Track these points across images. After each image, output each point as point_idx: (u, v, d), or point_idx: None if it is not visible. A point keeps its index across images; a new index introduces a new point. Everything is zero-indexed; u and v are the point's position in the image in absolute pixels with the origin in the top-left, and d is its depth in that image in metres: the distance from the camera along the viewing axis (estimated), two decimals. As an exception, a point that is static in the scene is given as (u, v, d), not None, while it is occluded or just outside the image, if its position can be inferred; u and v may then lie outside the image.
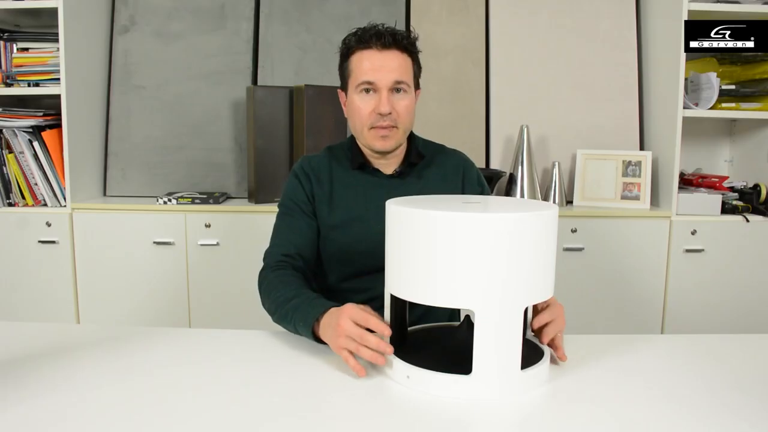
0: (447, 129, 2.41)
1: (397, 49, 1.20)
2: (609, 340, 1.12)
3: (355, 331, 0.93)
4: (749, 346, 1.11)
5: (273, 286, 1.15)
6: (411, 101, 1.23)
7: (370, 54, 1.19)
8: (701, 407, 0.85)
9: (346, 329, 0.94)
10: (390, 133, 1.22)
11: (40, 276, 2.16)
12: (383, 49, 1.19)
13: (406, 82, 1.21)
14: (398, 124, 1.22)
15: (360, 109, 1.21)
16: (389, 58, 1.19)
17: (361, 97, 1.21)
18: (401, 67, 1.20)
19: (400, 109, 1.21)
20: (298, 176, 1.29)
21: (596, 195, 2.32)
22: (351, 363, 0.93)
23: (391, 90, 1.19)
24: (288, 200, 1.29)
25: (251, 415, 0.82)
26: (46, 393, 0.87)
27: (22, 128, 2.13)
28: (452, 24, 2.43)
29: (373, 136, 1.22)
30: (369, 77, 1.19)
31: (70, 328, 1.30)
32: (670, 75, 2.19)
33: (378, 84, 1.19)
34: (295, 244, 1.24)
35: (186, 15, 2.41)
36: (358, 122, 1.23)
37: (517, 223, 0.85)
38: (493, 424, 0.82)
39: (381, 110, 1.19)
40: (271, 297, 1.14)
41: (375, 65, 1.19)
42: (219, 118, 2.40)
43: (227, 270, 2.15)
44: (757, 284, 2.19)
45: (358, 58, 1.21)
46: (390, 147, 1.24)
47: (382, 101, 1.19)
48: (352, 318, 0.94)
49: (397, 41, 1.20)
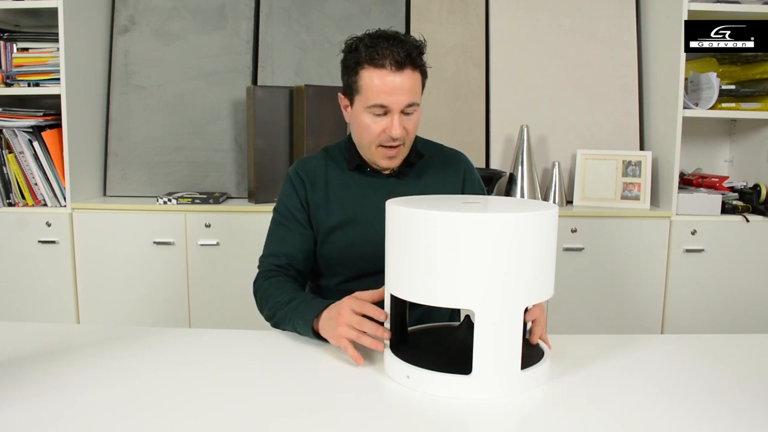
0: (447, 129, 2.41)
1: (410, 68, 1.15)
2: (609, 340, 1.12)
3: (354, 319, 0.95)
4: (749, 346, 1.11)
5: (269, 292, 1.17)
6: (419, 116, 1.22)
7: (383, 74, 1.13)
8: (701, 407, 0.85)
9: (346, 318, 0.96)
10: (397, 153, 1.21)
11: (40, 276, 2.16)
12: (397, 70, 1.13)
13: (417, 102, 1.18)
14: (406, 142, 1.21)
15: (369, 127, 1.18)
16: (403, 79, 1.14)
17: (371, 117, 1.18)
18: (413, 89, 1.16)
19: (409, 128, 1.20)
20: (292, 181, 1.28)
21: (596, 195, 2.32)
22: (350, 352, 0.95)
23: (402, 112, 1.17)
24: (282, 206, 1.29)
25: (251, 415, 0.82)
26: (46, 393, 0.87)
27: (22, 128, 2.13)
28: (452, 24, 2.43)
29: (380, 155, 1.21)
30: (382, 101, 1.15)
31: (70, 328, 1.29)
32: (670, 75, 2.19)
33: (391, 108, 1.16)
34: (287, 255, 1.24)
35: (186, 15, 2.41)
36: (366, 139, 1.21)
37: (517, 223, 0.85)
38: (493, 424, 0.82)
39: (393, 134, 1.16)
40: (269, 303, 1.15)
41: (388, 88, 1.14)
42: (219, 118, 2.40)
43: (227, 270, 2.15)
44: (757, 284, 2.19)
45: (368, 76, 1.15)
46: (395, 165, 1.24)
47: (394, 125, 1.16)
48: (351, 308, 0.97)
49: (412, 60, 1.15)
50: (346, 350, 0.95)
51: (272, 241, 1.27)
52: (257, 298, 1.21)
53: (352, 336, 0.95)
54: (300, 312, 1.06)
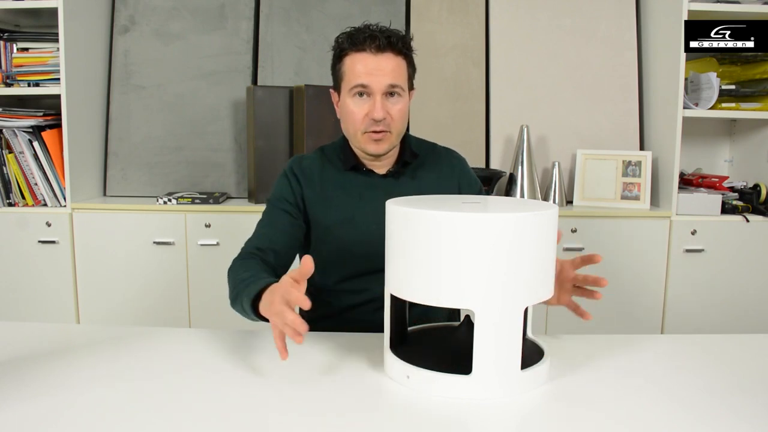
0: (447, 129, 2.41)
1: (392, 52, 1.18)
2: (609, 340, 1.12)
3: (278, 308, 0.87)
4: (749, 346, 1.11)
5: (233, 270, 1.14)
6: (405, 104, 1.22)
7: (364, 57, 1.17)
8: (701, 407, 0.85)
9: (275, 306, 0.89)
10: (383, 137, 1.21)
11: (40, 276, 2.16)
12: (377, 52, 1.17)
13: (400, 86, 1.20)
14: (392, 128, 1.21)
15: (353, 113, 1.20)
16: (383, 61, 1.17)
17: (354, 101, 1.20)
18: (395, 71, 1.18)
19: (393, 113, 1.20)
20: (287, 177, 1.29)
21: (596, 195, 2.32)
22: (278, 344, 0.89)
23: (385, 94, 1.18)
24: (274, 198, 1.29)
25: (251, 415, 0.82)
26: (46, 393, 0.87)
27: (22, 128, 2.13)
28: (452, 24, 2.43)
29: (366, 140, 1.22)
30: (363, 80, 1.17)
31: (70, 328, 1.30)
32: (670, 75, 2.19)
33: (372, 88, 1.17)
34: (270, 239, 1.23)
35: (186, 15, 2.41)
36: (351, 126, 1.22)
37: (517, 223, 0.85)
38: (493, 424, 0.82)
39: (375, 116, 1.18)
40: (231, 281, 1.11)
41: (369, 68, 1.17)
42: (219, 118, 2.40)
43: (227, 270, 2.14)
44: (757, 284, 2.19)
45: (351, 61, 1.19)
46: (383, 150, 1.23)
47: (376, 107, 1.18)
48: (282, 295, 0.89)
49: (392, 44, 1.18)
50: (275, 340, 0.90)
51: (259, 226, 1.27)
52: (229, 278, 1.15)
53: (279, 325, 0.88)
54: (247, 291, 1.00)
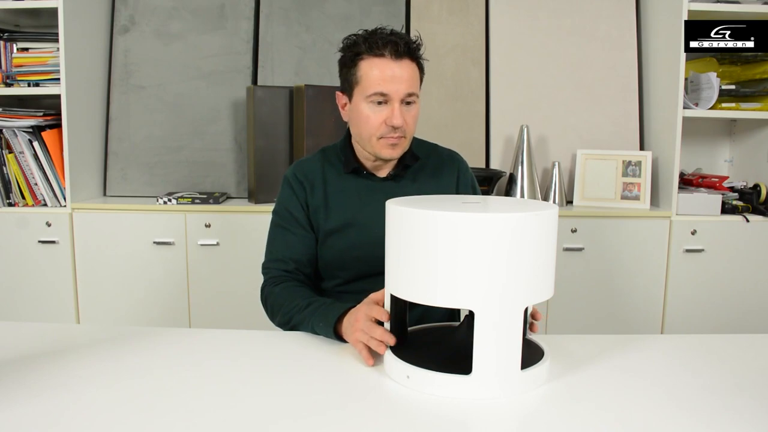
0: (447, 129, 2.41)
1: (409, 58, 1.18)
2: (609, 340, 1.12)
3: (365, 324, 1.00)
4: (749, 346, 1.11)
5: (282, 298, 1.18)
6: (418, 110, 1.23)
7: (383, 63, 1.16)
8: (701, 407, 0.85)
9: (361, 323, 1.01)
10: (399, 143, 1.21)
11: (40, 276, 2.16)
12: (396, 59, 1.16)
13: (416, 93, 1.20)
14: (407, 134, 1.22)
15: (370, 118, 1.19)
16: (402, 68, 1.16)
17: (371, 107, 1.18)
18: (412, 78, 1.18)
19: (409, 120, 1.20)
20: (291, 185, 1.28)
21: (596, 195, 2.32)
22: (363, 354, 0.99)
23: (402, 101, 1.18)
24: (282, 209, 1.28)
25: (251, 415, 0.82)
26: (46, 393, 0.87)
27: (22, 128, 2.13)
28: (452, 24, 2.43)
29: (382, 145, 1.21)
30: (382, 89, 1.16)
31: (70, 328, 1.29)
32: (670, 75, 2.19)
33: (391, 96, 1.17)
34: (293, 260, 1.25)
35: (186, 15, 2.41)
36: (366, 131, 1.21)
37: (517, 223, 0.85)
38: (493, 424, 0.82)
39: (394, 123, 1.17)
40: (283, 309, 1.17)
41: (387, 76, 1.16)
42: (219, 118, 2.40)
43: (227, 270, 2.15)
44: (757, 284, 2.19)
45: (368, 66, 1.17)
46: (398, 155, 1.24)
47: (395, 114, 1.17)
48: (366, 313, 1.02)
49: (411, 51, 1.18)
50: (361, 352, 1.00)
51: (276, 246, 1.27)
52: (267, 305, 1.22)
53: (364, 339, 1.00)
54: (321, 315, 1.09)
